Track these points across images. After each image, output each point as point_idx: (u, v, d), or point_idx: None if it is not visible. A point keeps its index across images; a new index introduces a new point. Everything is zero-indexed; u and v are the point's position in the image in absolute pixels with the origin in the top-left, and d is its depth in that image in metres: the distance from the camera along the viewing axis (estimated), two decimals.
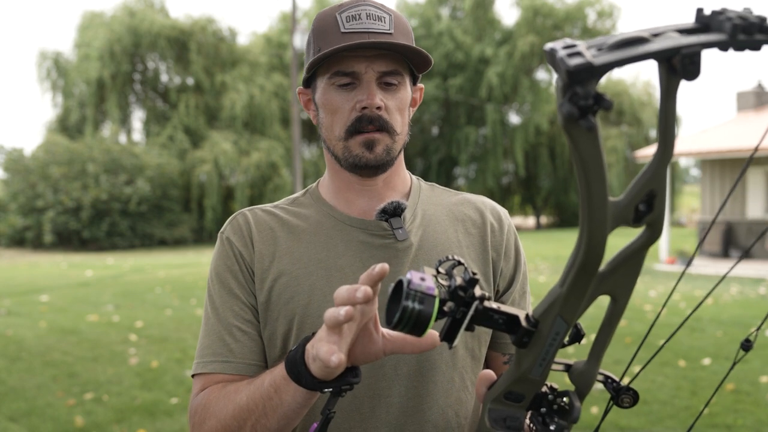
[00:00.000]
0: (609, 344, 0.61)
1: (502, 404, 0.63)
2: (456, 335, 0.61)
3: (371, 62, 1.08)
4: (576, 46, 0.47)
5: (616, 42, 0.48)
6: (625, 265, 0.57)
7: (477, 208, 1.23)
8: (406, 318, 0.60)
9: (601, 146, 0.50)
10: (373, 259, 1.12)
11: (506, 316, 0.61)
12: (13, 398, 5.08)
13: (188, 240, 24.97)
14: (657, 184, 0.54)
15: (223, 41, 27.47)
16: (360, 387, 1.09)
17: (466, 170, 30.79)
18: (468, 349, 1.15)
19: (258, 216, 1.18)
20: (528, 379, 0.61)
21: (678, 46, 0.48)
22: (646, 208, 0.54)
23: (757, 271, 12.69)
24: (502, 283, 1.20)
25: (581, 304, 0.57)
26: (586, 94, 0.46)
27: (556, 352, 0.60)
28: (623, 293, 0.58)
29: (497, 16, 30.33)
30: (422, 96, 1.24)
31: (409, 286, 0.60)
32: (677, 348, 6.31)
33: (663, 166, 0.53)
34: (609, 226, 0.53)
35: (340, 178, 1.18)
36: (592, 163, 0.50)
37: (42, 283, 12.51)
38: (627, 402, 0.68)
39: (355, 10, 1.09)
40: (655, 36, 0.49)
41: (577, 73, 0.45)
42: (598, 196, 0.51)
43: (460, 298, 0.60)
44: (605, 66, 0.47)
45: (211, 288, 1.16)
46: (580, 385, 0.63)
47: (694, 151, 15.17)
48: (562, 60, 0.46)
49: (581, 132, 0.48)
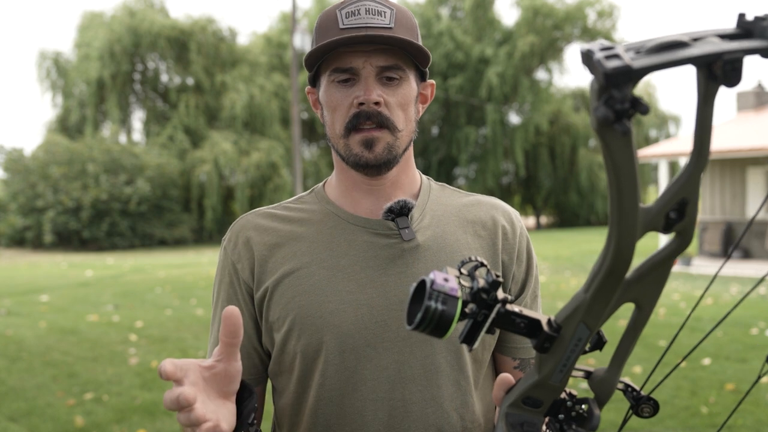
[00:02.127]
0: (631, 352, 0.60)
1: (520, 409, 0.62)
2: (477, 338, 0.60)
3: (369, 57, 1.07)
4: (614, 48, 0.46)
5: (655, 45, 0.47)
6: (653, 273, 0.56)
7: (488, 210, 1.21)
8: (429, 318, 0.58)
9: (635, 151, 0.48)
10: (377, 259, 1.11)
11: (528, 320, 0.60)
12: (13, 398, 5.08)
13: (188, 240, 24.97)
14: (689, 191, 0.52)
15: (223, 41, 27.47)
16: (363, 391, 1.08)
17: (466, 170, 30.78)
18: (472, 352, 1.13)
19: (257, 221, 1.18)
20: (547, 385, 0.60)
21: (720, 51, 0.47)
22: (677, 216, 0.53)
23: (757, 271, 12.68)
24: (514, 288, 1.19)
25: (605, 311, 0.56)
26: (623, 97, 0.45)
27: (578, 358, 0.59)
28: (648, 301, 0.57)
29: (497, 16, 30.31)
30: (434, 92, 1.21)
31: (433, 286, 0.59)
32: (677, 348, 6.31)
33: (697, 173, 0.52)
34: (638, 232, 0.51)
35: (347, 177, 1.16)
36: (625, 169, 0.48)
37: (42, 283, 12.51)
38: (647, 412, 0.66)
39: (354, 6, 1.08)
40: (695, 40, 0.48)
41: (615, 76, 0.44)
42: (629, 202, 0.50)
43: (482, 300, 0.59)
44: (644, 69, 0.45)
45: (215, 293, 1.20)
46: (600, 393, 0.62)
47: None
48: (600, 62, 0.45)
49: (616, 136, 0.47)
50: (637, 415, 0.67)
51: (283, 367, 1.14)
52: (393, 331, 1.08)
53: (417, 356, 1.09)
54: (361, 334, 1.08)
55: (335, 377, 1.08)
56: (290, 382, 1.13)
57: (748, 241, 14.95)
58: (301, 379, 1.11)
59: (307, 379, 1.11)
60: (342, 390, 1.08)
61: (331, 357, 1.08)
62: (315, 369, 1.09)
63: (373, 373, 1.08)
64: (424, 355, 1.09)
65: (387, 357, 1.08)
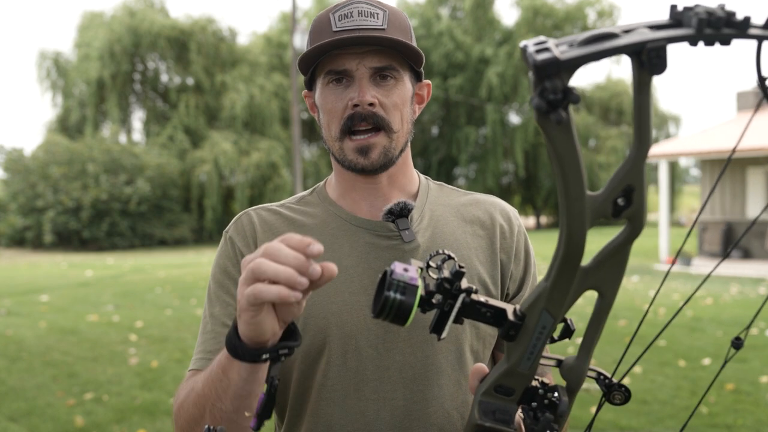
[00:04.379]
0: (598, 339, 0.61)
1: (493, 397, 0.63)
2: (444, 327, 0.62)
3: (362, 59, 1.07)
4: (545, 43, 0.48)
5: (586, 38, 0.49)
6: (610, 260, 0.57)
7: (486, 209, 1.21)
8: (388, 308, 0.60)
9: (575, 140, 0.50)
10: (379, 261, 1.11)
11: (494, 309, 0.61)
12: (13, 398, 5.08)
13: (188, 240, 24.98)
14: (634, 178, 0.54)
15: (223, 41, 27.49)
16: (365, 391, 1.08)
17: (466, 170, 30.79)
18: (473, 351, 1.14)
19: (263, 216, 1.18)
20: (517, 372, 0.61)
21: (644, 40, 0.49)
22: (624, 203, 0.55)
23: (757, 271, 12.69)
24: (512, 287, 1.19)
25: (566, 298, 0.57)
26: (554, 88, 0.47)
27: (544, 346, 0.60)
28: (610, 288, 0.59)
29: (497, 16, 30.35)
30: (430, 92, 1.21)
31: (392, 276, 0.61)
32: (677, 348, 6.31)
33: (640, 160, 0.53)
34: (588, 219, 0.53)
35: (344, 179, 1.17)
36: (567, 157, 0.50)
37: (42, 283, 12.51)
38: (618, 399, 0.68)
39: (347, 9, 1.08)
40: (626, 32, 0.50)
41: (544, 68, 0.47)
42: (575, 190, 0.52)
43: (446, 291, 0.61)
44: (571, 60, 0.47)
45: (210, 285, 1.17)
46: (571, 381, 0.63)
47: (694, 151, 15.16)
48: (531, 55, 0.47)
49: (552, 126, 0.49)
50: (609, 402, 0.68)
51: (284, 366, 1.14)
52: (394, 332, 1.08)
53: (418, 357, 1.09)
54: (364, 335, 1.08)
55: (337, 378, 1.09)
56: (291, 382, 1.13)
57: (748, 241, 14.95)
58: (302, 379, 1.11)
59: (308, 379, 1.11)
60: (344, 390, 1.08)
61: (334, 357, 1.08)
62: (317, 369, 1.10)
63: (375, 374, 1.08)
64: (425, 356, 1.09)
65: (389, 358, 1.08)
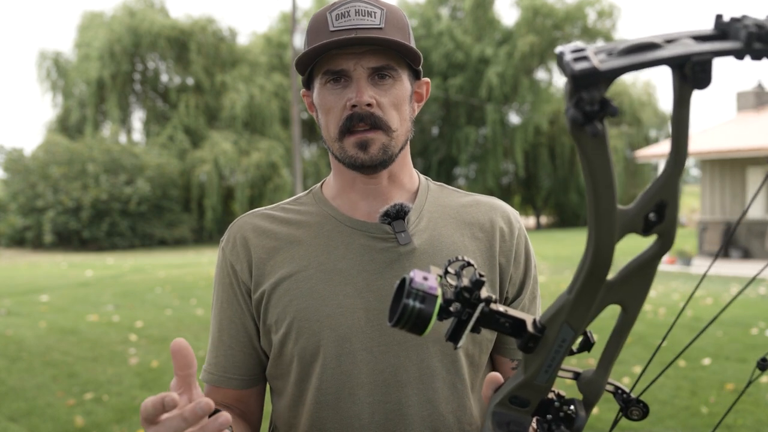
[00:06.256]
0: (618, 354, 0.60)
1: (507, 408, 0.62)
2: (461, 336, 0.61)
3: (360, 59, 1.06)
4: (584, 50, 0.47)
5: (626, 47, 0.47)
6: (637, 275, 0.56)
7: (486, 211, 1.20)
8: (407, 316, 0.59)
9: (609, 153, 0.48)
10: (374, 263, 1.11)
11: (513, 320, 0.60)
12: (13, 398, 5.08)
13: (188, 240, 24.97)
14: (668, 194, 0.52)
15: (223, 41, 27.48)
16: (359, 395, 1.08)
17: (466, 170, 30.79)
18: (468, 355, 1.13)
19: (256, 222, 1.18)
20: (533, 385, 0.60)
21: (689, 53, 0.47)
22: (656, 218, 0.53)
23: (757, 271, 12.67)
24: (512, 290, 1.18)
25: (589, 311, 0.56)
26: (591, 99, 0.45)
27: (563, 359, 0.59)
28: (634, 303, 0.57)
29: (497, 16, 30.33)
30: (429, 90, 1.20)
31: (411, 284, 0.59)
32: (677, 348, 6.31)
33: (675, 176, 0.52)
34: (617, 234, 0.52)
35: (344, 178, 1.16)
36: (600, 170, 0.49)
37: (42, 283, 12.51)
38: (636, 415, 0.67)
39: (344, 8, 1.08)
40: (669, 42, 0.48)
41: (582, 78, 0.45)
42: (606, 204, 0.50)
43: (465, 299, 0.60)
44: (611, 71, 0.45)
45: (212, 298, 1.21)
46: (588, 394, 0.62)
47: (694, 151, 15.17)
48: (568, 64, 0.45)
49: (587, 138, 0.47)
50: (626, 417, 0.67)
51: (280, 370, 1.14)
52: (389, 335, 1.08)
53: (413, 360, 1.09)
54: (358, 337, 1.08)
55: (332, 380, 1.08)
56: (287, 385, 1.13)
57: (748, 241, 14.95)
58: (298, 382, 1.12)
59: (304, 382, 1.11)
60: (339, 393, 1.08)
61: (328, 360, 1.08)
62: (312, 372, 1.10)
63: (369, 377, 1.08)
64: (419, 359, 1.09)
65: (383, 361, 1.08)
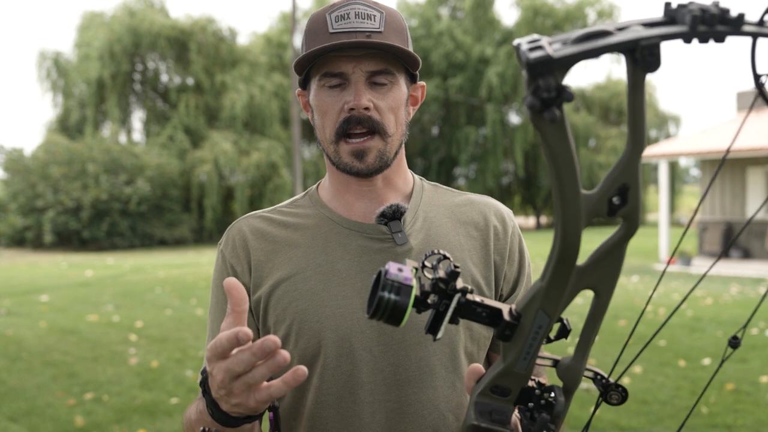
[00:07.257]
0: (595, 339, 0.62)
1: (489, 397, 0.63)
2: (439, 328, 0.62)
3: (359, 62, 1.07)
4: (539, 41, 0.48)
5: (579, 36, 0.49)
6: (606, 259, 0.58)
7: (480, 210, 1.21)
8: (383, 308, 0.60)
9: (570, 138, 0.50)
10: (372, 264, 1.11)
11: (489, 309, 0.61)
12: (13, 398, 5.09)
13: (188, 240, 24.98)
14: (629, 177, 0.54)
15: (223, 41, 27.48)
16: (360, 394, 1.08)
17: (466, 170, 30.78)
18: (467, 353, 1.14)
19: (254, 224, 1.18)
20: (513, 372, 0.61)
21: (637, 38, 0.49)
22: (620, 201, 0.55)
23: (757, 271, 12.69)
24: (506, 287, 1.19)
25: (562, 297, 0.58)
26: (547, 86, 0.47)
27: (540, 346, 0.60)
28: (605, 288, 0.59)
29: (497, 16, 30.33)
30: (424, 94, 1.21)
31: (386, 276, 0.61)
32: (677, 348, 6.31)
33: (634, 159, 0.54)
34: (583, 218, 0.53)
35: (339, 180, 1.17)
36: (562, 156, 0.50)
37: (42, 283, 12.51)
38: (615, 399, 0.67)
39: (344, 10, 1.08)
40: (620, 30, 0.50)
41: (537, 66, 0.47)
42: (569, 189, 0.52)
43: (441, 291, 0.61)
44: (565, 59, 0.47)
45: (210, 299, 1.20)
46: (568, 381, 0.63)
47: (694, 151, 15.17)
48: (524, 53, 0.47)
49: (546, 124, 0.49)
50: (606, 402, 0.67)
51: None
52: (388, 335, 1.09)
53: (412, 359, 1.09)
54: (358, 337, 1.08)
55: (332, 381, 1.09)
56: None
57: (748, 241, 14.95)
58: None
59: (304, 383, 1.11)
60: (339, 394, 1.09)
61: (329, 361, 1.09)
62: (312, 373, 1.10)
63: (369, 377, 1.08)
64: (419, 358, 1.09)
65: (383, 360, 1.09)
